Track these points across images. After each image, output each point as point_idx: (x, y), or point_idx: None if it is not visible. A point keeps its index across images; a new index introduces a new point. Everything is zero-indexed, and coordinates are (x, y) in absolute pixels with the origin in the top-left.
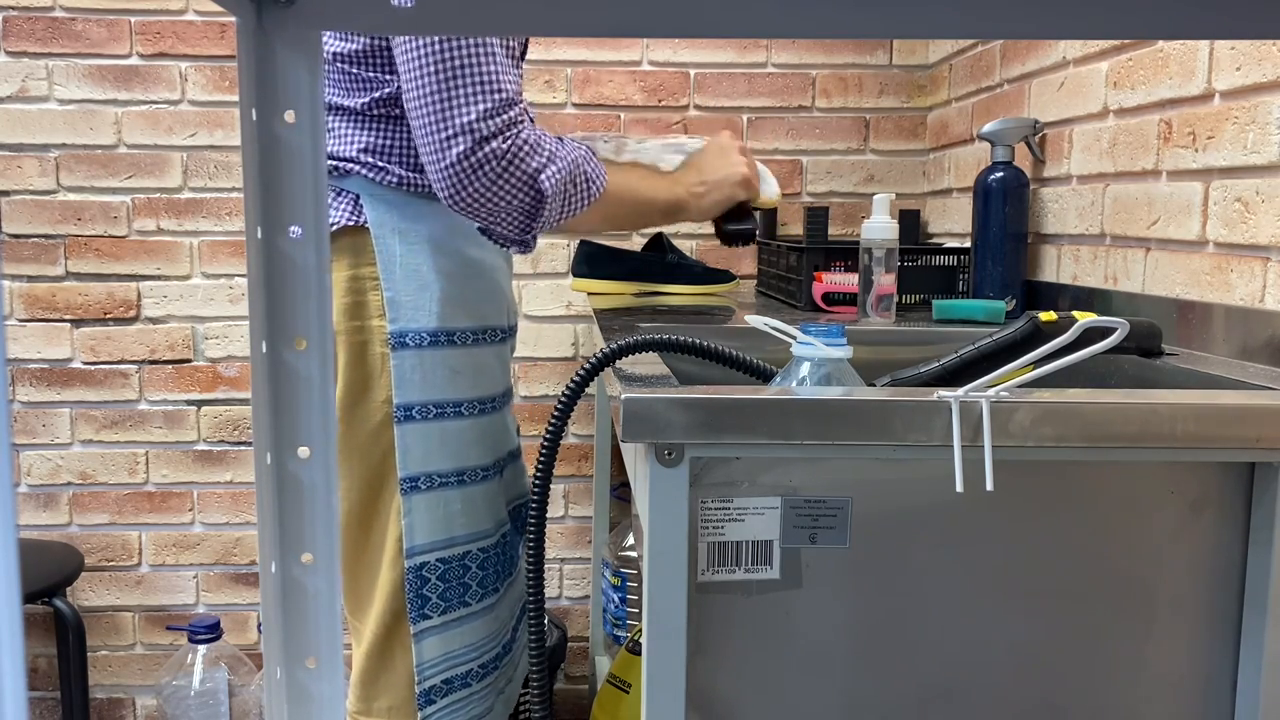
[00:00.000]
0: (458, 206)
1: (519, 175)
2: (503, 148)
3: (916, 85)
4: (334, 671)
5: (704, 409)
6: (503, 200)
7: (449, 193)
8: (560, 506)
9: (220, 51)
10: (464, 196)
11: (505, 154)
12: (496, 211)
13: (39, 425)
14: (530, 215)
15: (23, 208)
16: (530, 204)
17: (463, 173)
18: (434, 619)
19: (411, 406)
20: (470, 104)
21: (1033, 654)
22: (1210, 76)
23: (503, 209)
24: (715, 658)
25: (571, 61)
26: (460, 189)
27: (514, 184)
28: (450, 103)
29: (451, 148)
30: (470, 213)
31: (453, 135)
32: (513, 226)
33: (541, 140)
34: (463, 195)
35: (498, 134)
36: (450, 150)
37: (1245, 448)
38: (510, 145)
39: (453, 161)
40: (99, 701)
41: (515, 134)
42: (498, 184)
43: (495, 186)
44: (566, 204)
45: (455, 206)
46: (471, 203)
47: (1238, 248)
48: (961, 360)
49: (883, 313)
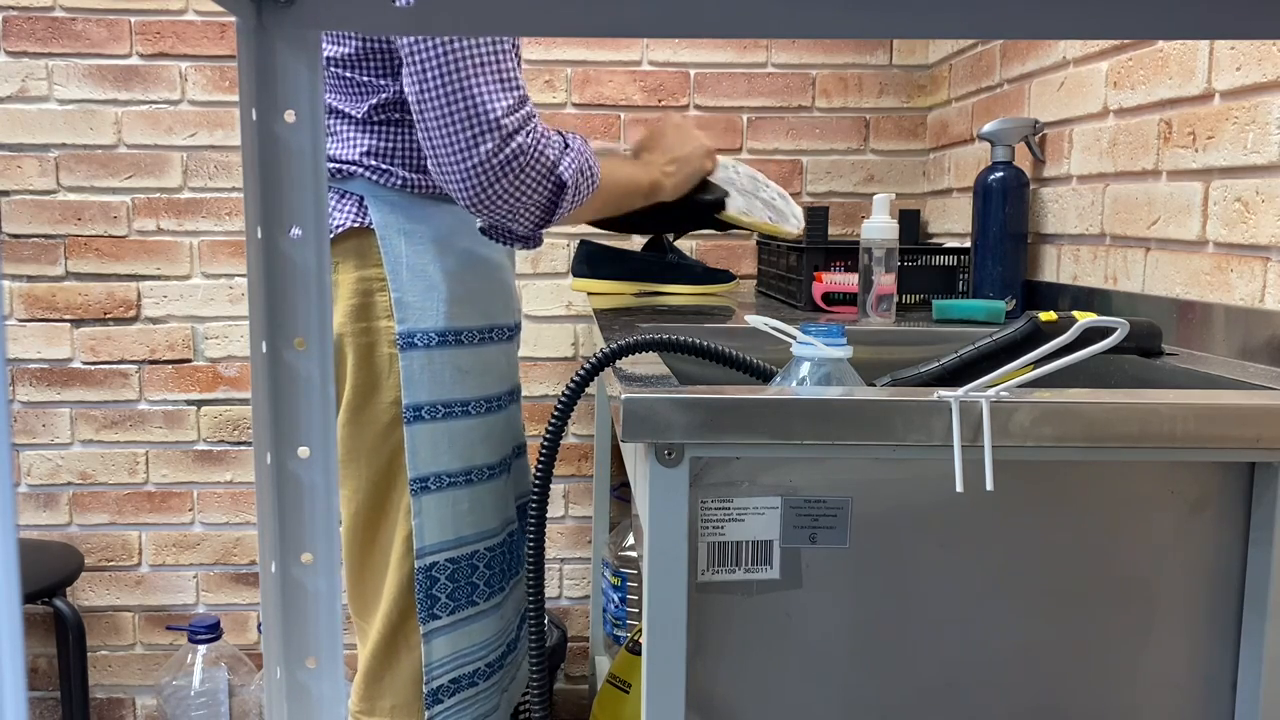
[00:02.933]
0: (480, 203)
1: (542, 168)
2: (527, 143)
3: (916, 85)
4: (334, 671)
5: (704, 409)
6: (527, 194)
7: (474, 191)
8: (560, 506)
9: (220, 51)
10: (490, 194)
11: (530, 149)
12: (519, 206)
13: (39, 425)
14: (549, 208)
15: (23, 208)
16: (551, 195)
17: (491, 170)
18: (443, 619)
19: (420, 407)
20: (494, 100)
21: (1033, 654)
22: (1210, 76)
23: (525, 203)
24: (715, 658)
25: (571, 61)
26: (487, 186)
27: (537, 177)
28: (474, 101)
29: (480, 145)
30: (492, 210)
31: (481, 133)
32: (530, 221)
33: (549, 131)
34: (489, 193)
35: (520, 129)
36: (479, 148)
37: (1245, 448)
38: (533, 140)
39: (482, 160)
40: (99, 701)
41: (533, 127)
42: (523, 179)
43: (520, 182)
44: (577, 194)
45: (477, 204)
46: (497, 200)
47: (1238, 248)
48: (961, 360)
49: (883, 313)
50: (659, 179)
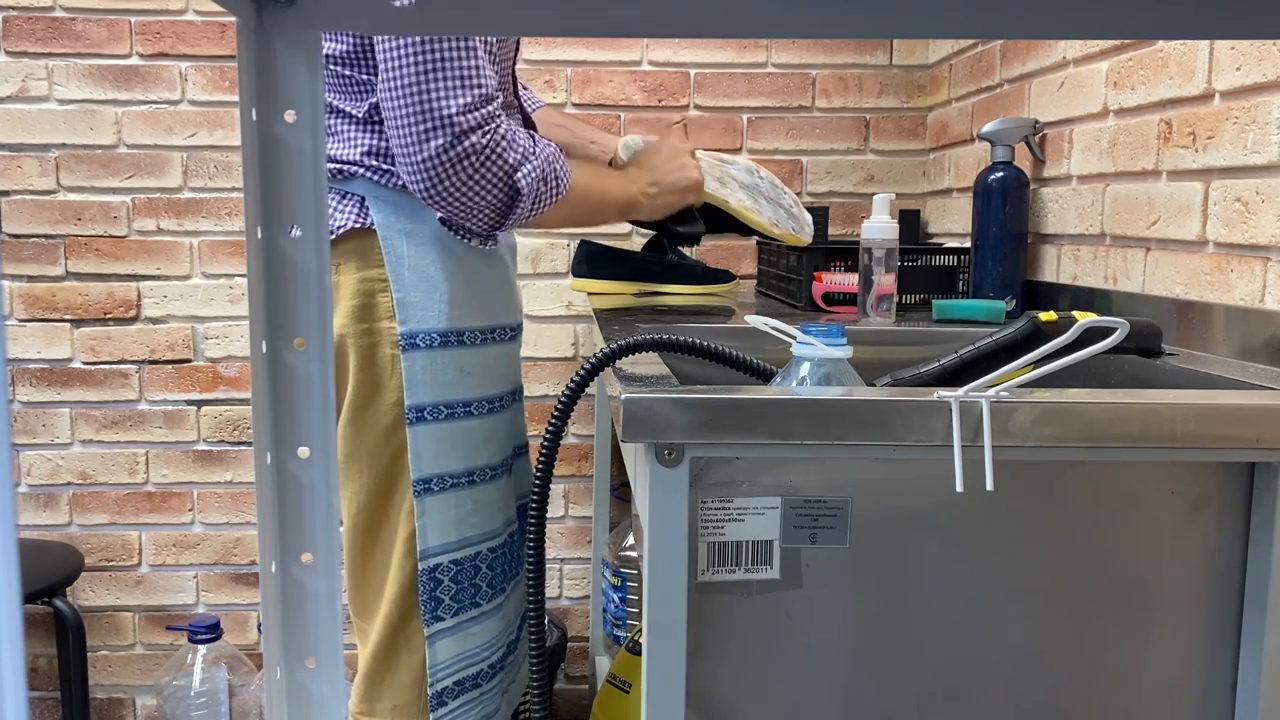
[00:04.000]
0: (431, 200)
1: (496, 172)
2: (481, 143)
3: (916, 85)
4: (334, 671)
5: (704, 409)
6: (478, 196)
7: (424, 186)
8: (560, 506)
9: (220, 51)
10: (439, 190)
11: (483, 149)
12: (471, 206)
13: (39, 425)
14: (503, 212)
15: (23, 208)
16: (505, 200)
17: (440, 166)
18: (447, 620)
19: (423, 408)
20: (450, 97)
21: (1033, 654)
22: (1210, 76)
23: (477, 204)
24: (715, 658)
25: (571, 61)
26: (436, 183)
27: (490, 180)
28: (429, 96)
29: (430, 140)
30: (443, 207)
31: (432, 128)
32: (484, 222)
33: (517, 136)
34: (438, 189)
35: (477, 128)
36: (429, 143)
37: (1245, 448)
38: (489, 140)
39: (431, 155)
40: (99, 701)
41: (493, 129)
42: (474, 179)
43: (472, 182)
44: (537, 202)
45: (429, 198)
46: (447, 197)
47: (1238, 248)
48: (961, 360)
49: (883, 313)
50: (638, 197)
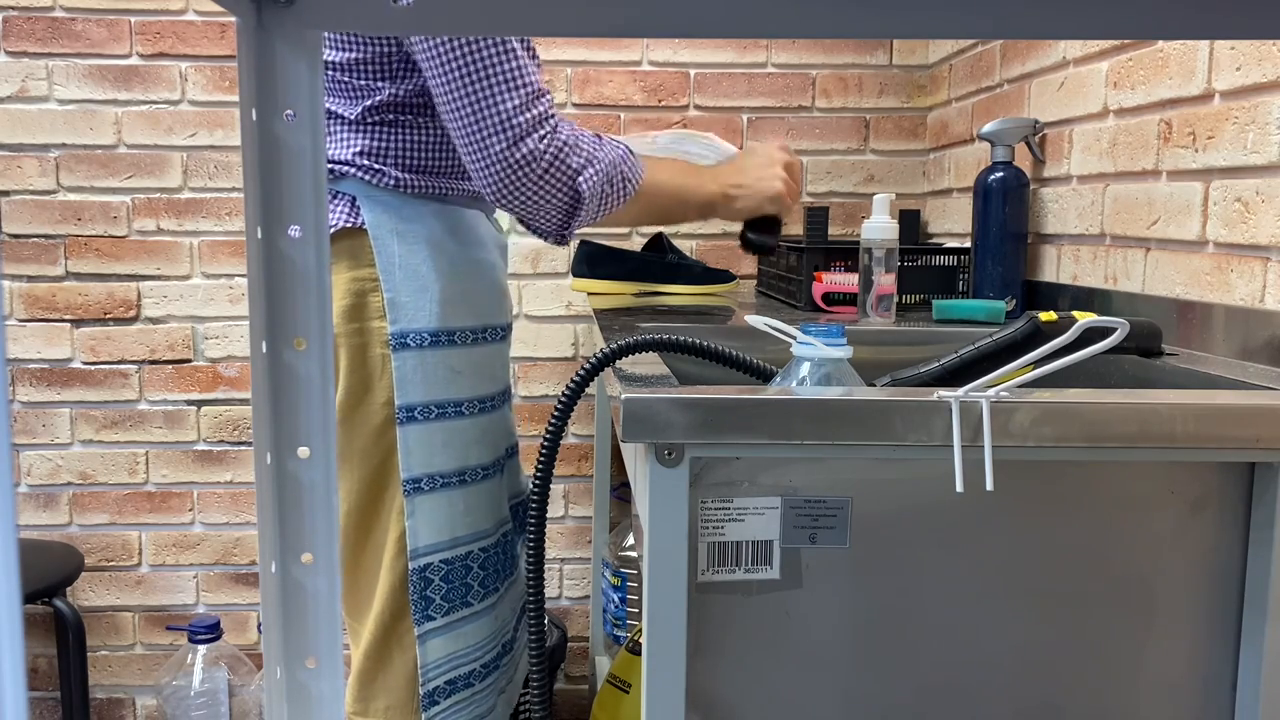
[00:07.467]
0: (501, 202)
1: (559, 177)
2: (541, 147)
3: (916, 85)
4: (334, 671)
5: (704, 409)
6: (543, 200)
7: (493, 189)
8: (560, 506)
9: (220, 51)
10: (507, 193)
11: (545, 154)
12: (536, 210)
13: (39, 425)
14: (568, 214)
15: (23, 208)
16: (568, 204)
17: (504, 170)
18: (438, 620)
19: (414, 408)
20: (501, 100)
21: (1033, 654)
22: (1210, 76)
23: (543, 208)
24: (715, 658)
25: (571, 61)
26: (503, 185)
27: (554, 185)
28: (481, 101)
29: (491, 145)
30: (511, 209)
31: (490, 133)
32: (551, 223)
33: (580, 140)
34: (505, 193)
35: (533, 129)
36: (490, 148)
37: (1245, 448)
38: (549, 145)
39: (493, 159)
40: (99, 701)
41: (552, 131)
42: (539, 184)
43: (535, 186)
44: (603, 204)
45: (497, 203)
46: (513, 201)
47: (1238, 248)
48: (961, 360)
49: (883, 313)
50: (718, 197)
